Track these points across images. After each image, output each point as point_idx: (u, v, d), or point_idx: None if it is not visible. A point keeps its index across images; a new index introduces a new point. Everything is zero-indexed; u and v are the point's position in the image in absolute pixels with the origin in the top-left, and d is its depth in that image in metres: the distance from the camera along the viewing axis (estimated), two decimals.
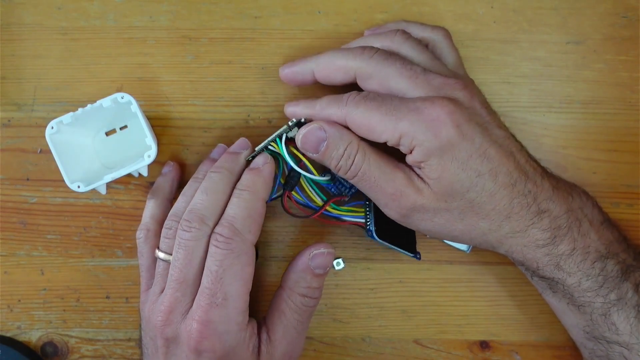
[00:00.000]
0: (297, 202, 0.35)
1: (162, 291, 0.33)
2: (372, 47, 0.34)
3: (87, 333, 0.39)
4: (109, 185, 0.38)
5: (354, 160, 0.32)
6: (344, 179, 0.35)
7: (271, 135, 0.34)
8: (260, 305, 0.39)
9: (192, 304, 0.32)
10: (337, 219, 0.36)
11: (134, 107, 0.35)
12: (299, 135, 0.33)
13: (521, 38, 0.39)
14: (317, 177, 0.35)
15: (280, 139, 0.34)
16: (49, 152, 0.35)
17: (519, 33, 0.39)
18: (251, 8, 0.39)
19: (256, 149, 0.35)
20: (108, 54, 0.39)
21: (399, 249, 0.36)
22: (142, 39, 0.39)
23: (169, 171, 0.38)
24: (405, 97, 0.32)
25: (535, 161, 0.34)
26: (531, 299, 0.39)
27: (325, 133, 0.32)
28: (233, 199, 0.33)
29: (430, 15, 0.39)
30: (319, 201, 0.35)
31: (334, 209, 0.36)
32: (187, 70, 0.39)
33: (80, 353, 0.39)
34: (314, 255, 0.34)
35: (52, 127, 0.35)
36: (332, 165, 0.33)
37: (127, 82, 0.39)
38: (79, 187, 0.35)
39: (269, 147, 0.34)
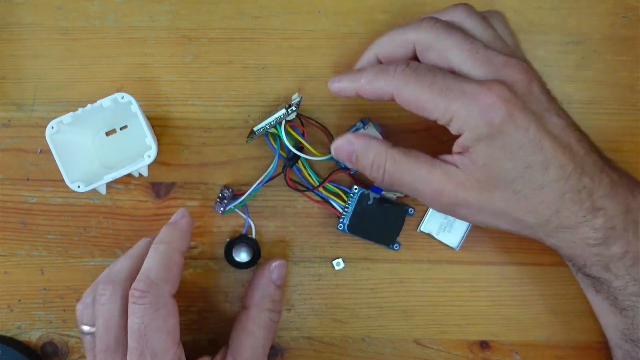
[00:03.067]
0: (294, 180, 0.38)
1: None
2: (432, 18, 0.32)
3: None
4: (109, 185, 0.38)
5: (384, 170, 0.32)
6: None
7: (271, 116, 0.35)
8: None
9: None
10: (326, 201, 0.38)
11: (134, 107, 0.35)
12: (332, 147, 0.34)
13: (521, 38, 0.39)
14: (317, 158, 0.37)
15: (280, 124, 0.35)
16: (49, 152, 0.35)
17: (519, 33, 0.39)
18: (251, 8, 0.39)
19: (254, 129, 0.36)
20: (108, 54, 0.39)
21: (375, 242, 0.38)
22: (142, 39, 0.39)
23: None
24: (461, 72, 0.31)
25: (597, 153, 0.32)
26: (531, 299, 0.39)
27: (353, 146, 0.33)
28: (149, 254, 0.32)
29: None
30: (314, 182, 0.37)
31: (326, 189, 0.37)
32: (187, 70, 0.39)
33: (80, 353, 0.39)
34: (274, 267, 0.35)
35: (52, 127, 0.35)
36: (367, 174, 0.33)
37: (127, 82, 0.39)
38: (79, 187, 0.35)
39: (269, 130, 0.36)
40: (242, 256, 0.37)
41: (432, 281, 0.39)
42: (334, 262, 0.39)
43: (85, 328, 0.32)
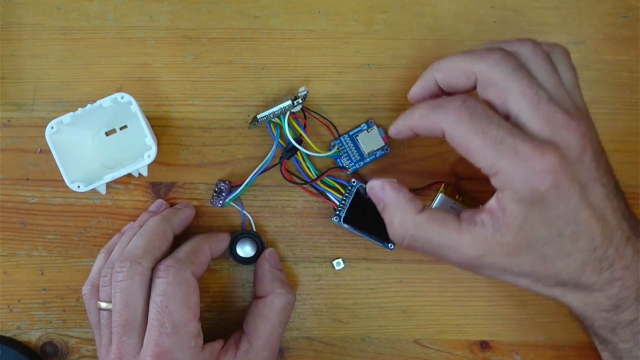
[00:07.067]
0: (290, 172, 0.38)
1: (110, 342, 0.32)
2: (500, 50, 0.30)
3: (87, 333, 0.39)
4: (109, 185, 0.38)
5: (410, 235, 0.31)
6: (351, 154, 0.38)
7: (275, 105, 0.36)
8: None
9: (141, 345, 0.31)
10: (323, 194, 0.38)
11: (134, 107, 0.35)
12: (368, 185, 0.33)
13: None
14: (315, 153, 0.37)
15: (284, 115, 0.36)
16: (49, 152, 0.35)
17: (519, 33, 0.39)
18: (251, 8, 0.39)
19: (258, 117, 0.37)
20: (108, 54, 0.39)
21: (369, 238, 0.38)
22: (142, 39, 0.39)
23: (129, 228, 0.38)
24: (517, 120, 0.30)
25: (628, 220, 0.31)
26: (531, 299, 0.39)
27: (384, 196, 0.32)
28: (183, 244, 0.35)
29: (431, 15, 0.39)
30: (313, 175, 0.38)
31: (324, 183, 0.38)
32: (187, 70, 0.39)
33: (80, 353, 0.39)
34: (268, 255, 0.37)
35: (52, 127, 0.35)
36: (388, 228, 0.32)
37: (127, 82, 0.39)
38: (79, 187, 0.35)
39: (272, 120, 0.36)
40: (247, 250, 0.37)
41: (432, 281, 0.39)
42: (334, 262, 0.39)
43: (103, 304, 0.33)
